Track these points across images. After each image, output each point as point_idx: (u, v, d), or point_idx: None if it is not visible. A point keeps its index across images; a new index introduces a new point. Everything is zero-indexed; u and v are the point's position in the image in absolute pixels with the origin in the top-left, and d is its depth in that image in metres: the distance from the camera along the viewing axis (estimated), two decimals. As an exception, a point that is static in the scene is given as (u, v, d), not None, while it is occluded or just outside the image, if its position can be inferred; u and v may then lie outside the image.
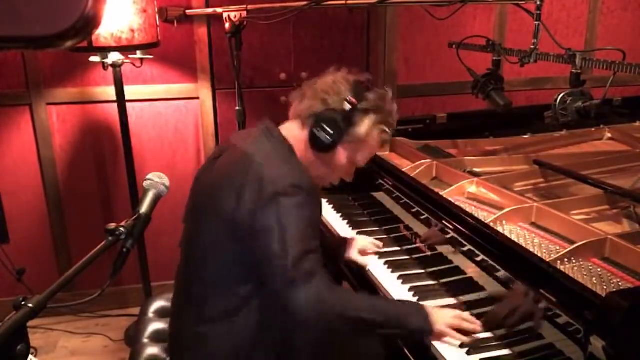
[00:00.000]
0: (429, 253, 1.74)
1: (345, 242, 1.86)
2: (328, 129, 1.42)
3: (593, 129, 2.40)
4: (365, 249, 1.85)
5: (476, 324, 1.42)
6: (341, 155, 1.49)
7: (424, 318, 1.40)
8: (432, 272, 1.71)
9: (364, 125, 1.46)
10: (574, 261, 1.36)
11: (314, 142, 1.45)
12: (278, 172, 1.35)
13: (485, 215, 1.63)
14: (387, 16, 2.95)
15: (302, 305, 1.29)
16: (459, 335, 1.38)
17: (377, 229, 2.04)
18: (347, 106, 1.43)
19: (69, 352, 2.73)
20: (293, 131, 1.49)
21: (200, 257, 1.48)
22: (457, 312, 1.46)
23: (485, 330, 1.41)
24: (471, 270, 1.53)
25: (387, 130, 1.50)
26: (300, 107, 1.49)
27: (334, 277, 1.94)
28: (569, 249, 1.38)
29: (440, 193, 1.75)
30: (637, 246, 1.34)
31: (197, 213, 1.51)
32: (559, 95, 1.68)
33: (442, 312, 1.45)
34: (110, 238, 1.10)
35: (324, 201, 2.31)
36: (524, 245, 1.43)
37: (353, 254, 1.83)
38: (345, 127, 1.44)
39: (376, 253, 1.85)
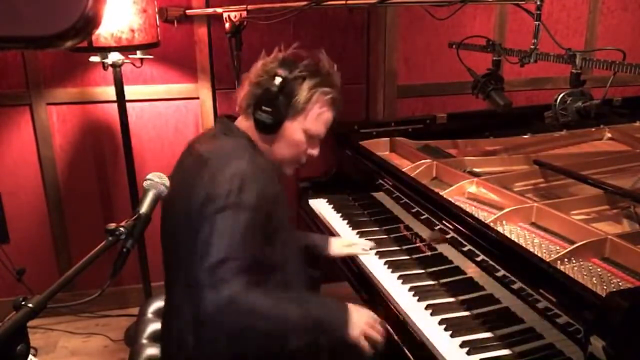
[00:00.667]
0: (429, 253, 1.74)
1: (325, 241, 1.87)
2: (267, 108, 1.43)
3: (593, 129, 2.40)
4: (350, 243, 1.87)
5: (378, 334, 1.42)
6: (293, 130, 1.47)
7: (343, 324, 1.37)
8: (432, 272, 1.71)
9: (303, 92, 1.44)
10: (574, 261, 1.37)
11: (260, 126, 1.45)
12: (229, 171, 1.33)
13: (485, 215, 1.64)
14: (387, 16, 2.95)
15: (206, 310, 1.23)
16: (367, 347, 1.38)
17: (377, 229, 2.04)
18: (278, 79, 1.43)
19: (69, 352, 2.73)
20: (245, 124, 1.50)
21: (175, 276, 1.47)
22: (371, 317, 1.44)
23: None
24: (471, 270, 1.53)
25: (329, 89, 1.48)
26: (239, 99, 1.51)
27: (323, 277, 1.95)
28: (569, 249, 1.38)
29: (440, 193, 1.75)
30: (637, 246, 1.34)
31: (170, 231, 1.49)
32: (559, 95, 1.68)
33: (359, 317, 1.42)
34: (110, 238, 1.10)
35: (323, 201, 2.32)
36: (524, 245, 1.43)
37: (337, 250, 1.85)
38: (284, 101, 1.43)
39: (373, 250, 1.86)
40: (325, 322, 1.36)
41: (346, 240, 1.91)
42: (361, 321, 1.40)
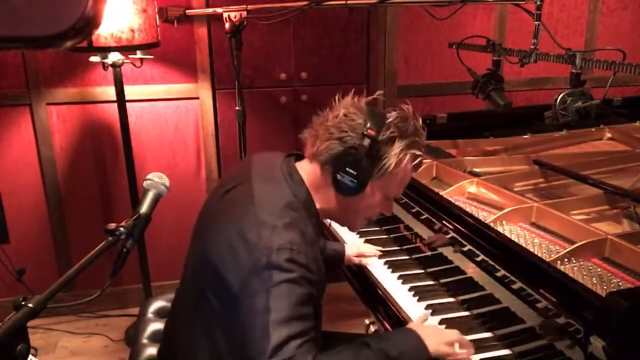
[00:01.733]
0: (429, 253, 1.74)
1: (342, 248, 1.85)
2: (352, 172, 1.27)
3: (593, 129, 2.40)
4: (363, 253, 1.85)
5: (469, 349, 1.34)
6: (374, 192, 1.33)
7: (416, 347, 1.29)
8: (432, 272, 1.71)
9: (392, 156, 1.29)
10: (574, 261, 1.37)
11: (340, 188, 1.30)
12: (277, 241, 1.19)
13: (485, 215, 1.63)
14: (387, 16, 2.95)
15: None
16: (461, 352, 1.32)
17: (377, 229, 2.04)
18: (368, 141, 1.26)
19: (69, 352, 2.73)
20: (312, 176, 1.34)
21: (190, 295, 1.41)
22: (454, 336, 1.35)
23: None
24: (471, 270, 1.53)
25: (418, 152, 1.33)
26: (315, 149, 1.32)
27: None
28: (569, 249, 1.38)
29: (440, 193, 1.75)
30: (637, 246, 1.34)
31: (197, 244, 1.42)
32: (559, 95, 1.68)
33: (442, 333, 1.36)
34: (110, 238, 1.10)
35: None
36: (524, 245, 1.43)
37: (352, 259, 1.83)
38: (370, 164, 1.28)
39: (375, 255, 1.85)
40: (404, 356, 1.28)
41: (355, 248, 1.87)
42: (435, 337, 1.32)
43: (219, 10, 2.33)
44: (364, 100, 1.34)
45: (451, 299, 1.58)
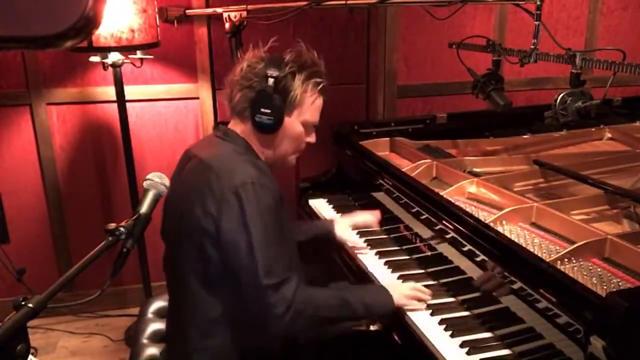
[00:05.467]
0: (429, 253, 1.74)
1: (332, 223, 1.92)
2: (266, 110, 1.44)
3: (593, 129, 2.40)
4: (357, 224, 1.93)
5: (427, 294, 1.57)
6: (293, 125, 1.50)
7: (386, 300, 1.51)
8: (432, 272, 1.71)
9: (297, 87, 1.46)
10: (574, 261, 1.37)
11: (261, 128, 1.46)
12: (238, 179, 1.35)
13: (485, 215, 1.64)
14: (387, 16, 2.95)
15: (276, 318, 1.32)
16: (417, 304, 1.54)
17: (377, 228, 2.04)
18: (271, 80, 1.44)
19: (69, 352, 2.73)
20: (240, 128, 1.51)
21: (178, 276, 1.48)
22: (412, 285, 1.59)
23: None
24: (471, 270, 1.53)
25: (319, 79, 1.50)
26: (232, 104, 1.51)
27: (328, 271, 1.97)
28: (569, 249, 1.38)
29: (440, 193, 1.75)
30: (637, 246, 1.34)
31: (172, 233, 1.52)
32: (559, 95, 1.68)
33: (401, 287, 1.59)
34: (110, 238, 1.10)
35: (323, 201, 2.32)
36: (524, 245, 1.43)
37: (340, 232, 1.90)
38: (281, 99, 1.45)
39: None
40: (375, 305, 1.51)
41: (347, 220, 1.94)
42: (403, 294, 1.54)
43: (219, 10, 2.33)
44: (263, 49, 1.52)
45: (451, 299, 1.58)
